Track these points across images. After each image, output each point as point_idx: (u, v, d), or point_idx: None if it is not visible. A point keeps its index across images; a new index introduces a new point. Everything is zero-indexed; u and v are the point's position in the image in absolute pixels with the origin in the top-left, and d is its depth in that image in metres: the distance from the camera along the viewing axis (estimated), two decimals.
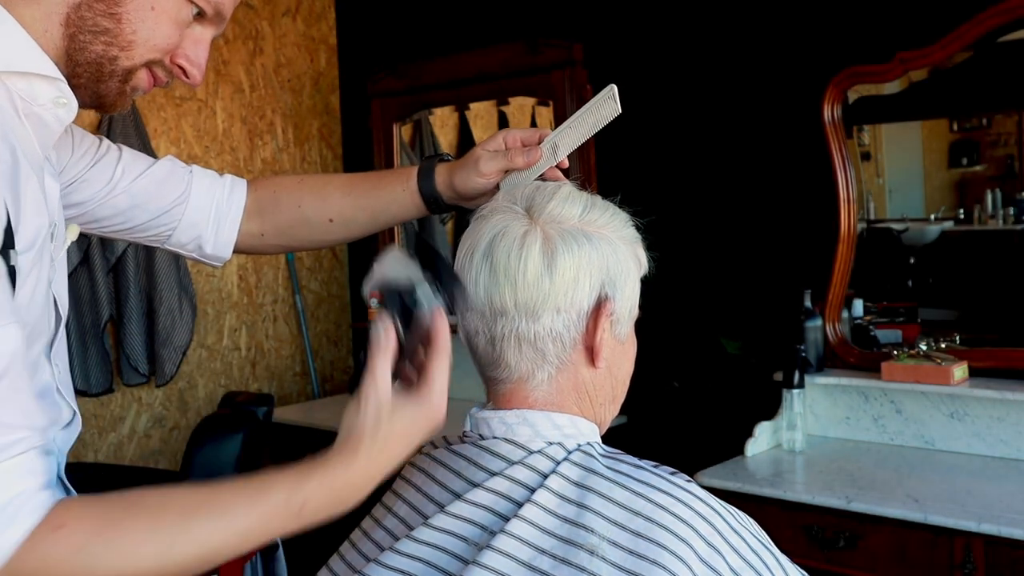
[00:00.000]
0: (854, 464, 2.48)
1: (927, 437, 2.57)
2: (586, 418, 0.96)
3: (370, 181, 1.33)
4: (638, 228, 0.99)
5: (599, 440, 0.97)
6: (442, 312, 0.89)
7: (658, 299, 1.49)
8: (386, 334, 0.88)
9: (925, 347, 2.61)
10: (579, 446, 0.93)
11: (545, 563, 0.84)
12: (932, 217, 2.93)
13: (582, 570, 0.83)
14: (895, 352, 2.65)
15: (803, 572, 0.92)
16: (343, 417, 0.87)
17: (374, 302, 0.90)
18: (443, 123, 3.95)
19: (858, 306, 2.84)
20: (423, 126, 3.93)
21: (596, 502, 0.87)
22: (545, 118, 3.45)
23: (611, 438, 0.97)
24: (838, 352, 2.74)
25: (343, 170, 4.15)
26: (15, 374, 0.80)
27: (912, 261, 2.93)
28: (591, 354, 0.93)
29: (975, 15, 2.45)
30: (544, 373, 0.94)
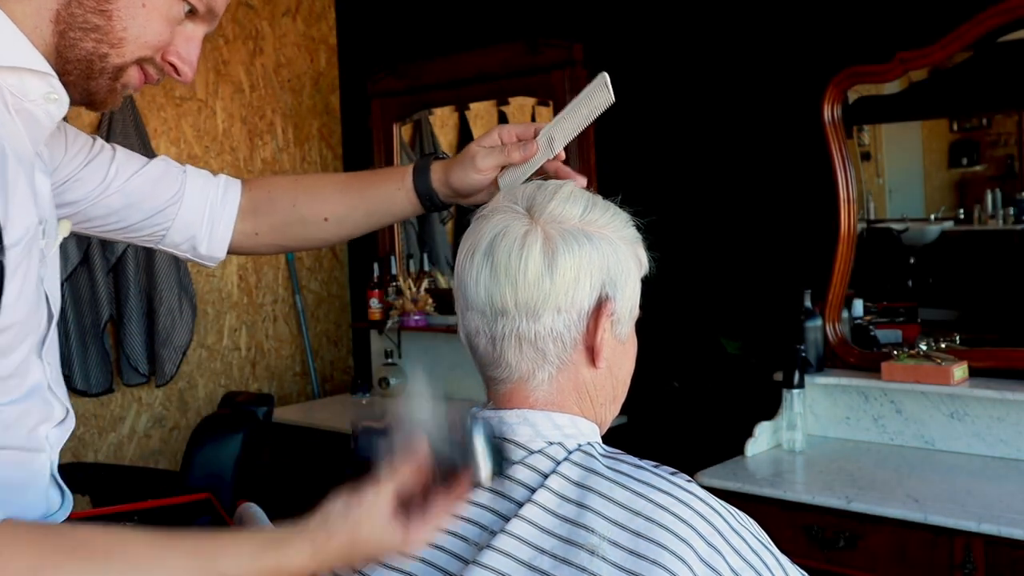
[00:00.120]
0: (854, 464, 2.48)
1: (927, 437, 2.57)
2: (587, 418, 0.95)
3: (366, 180, 1.33)
4: (639, 228, 0.99)
5: (599, 440, 0.97)
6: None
7: (658, 299, 1.49)
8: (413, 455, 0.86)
9: (925, 347, 2.61)
10: (579, 446, 0.93)
11: (545, 563, 0.85)
12: (932, 217, 2.93)
13: (582, 570, 0.83)
14: (895, 352, 2.65)
15: (803, 572, 0.92)
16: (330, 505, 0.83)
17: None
18: (443, 123, 3.95)
19: (858, 306, 2.84)
20: (423, 126, 3.93)
21: (596, 502, 0.87)
22: (545, 118, 3.44)
23: (611, 438, 0.97)
24: (838, 352, 2.74)
25: (343, 170, 4.15)
26: None
27: (912, 261, 2.93)
28: (592, 354, 0.93)
29: (975, 15, 2.45)
30: (545, 373, 0.94)
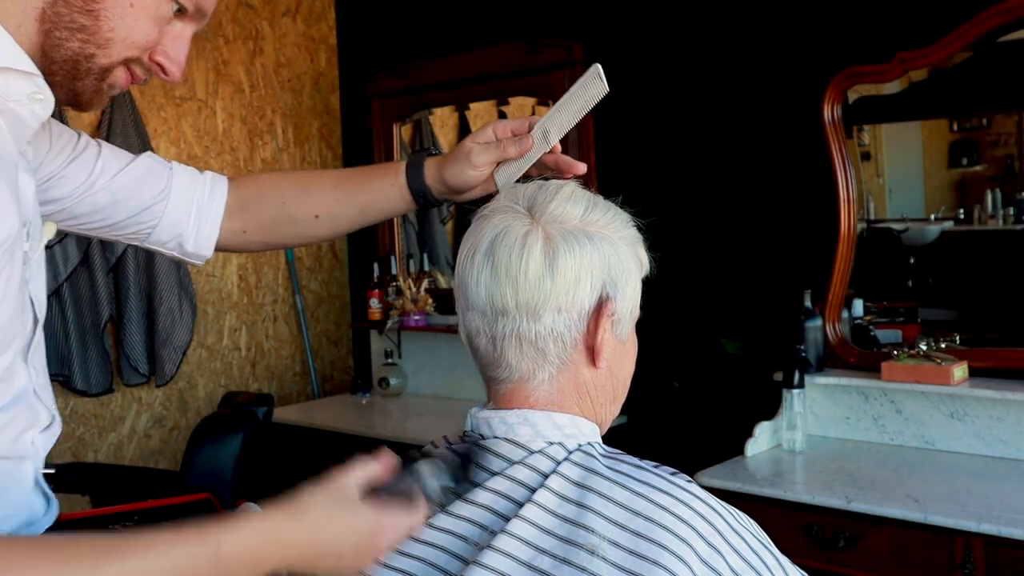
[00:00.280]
0: (854, 464, 2.48)
1: (927, 437, 2.57)
2: (587, 418, 0.95)
3: (358, 176, 1.32)
4: (639, 228, 0.99)
5: (600, 440, 0.97)
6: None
7: (658, 299, 1.49)
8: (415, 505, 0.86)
9: (925, 347, 2.61)
10: (580, 446, 0.93)
11: (545, 563, 0.85)
12: (932, 217, 2.93)
13: (582, 570, 0.83)
14: (895, 352, 2.65)
15: (803, 572, 0.92)
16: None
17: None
18: (443, 123, 3.95)
19: (858, 306, 2.84)
20: (423, 126, 3.93)
21: (596, 502, 0.87)
22: None
23: (611, 438, 0.97)
24: (838, 352, 2.74)
25: None
26: None
27: (912, 261, 2.93)
28: (592, 354, 0.93)
29: (975, 15, 2.45)
30: (545, 373, 0.94)
